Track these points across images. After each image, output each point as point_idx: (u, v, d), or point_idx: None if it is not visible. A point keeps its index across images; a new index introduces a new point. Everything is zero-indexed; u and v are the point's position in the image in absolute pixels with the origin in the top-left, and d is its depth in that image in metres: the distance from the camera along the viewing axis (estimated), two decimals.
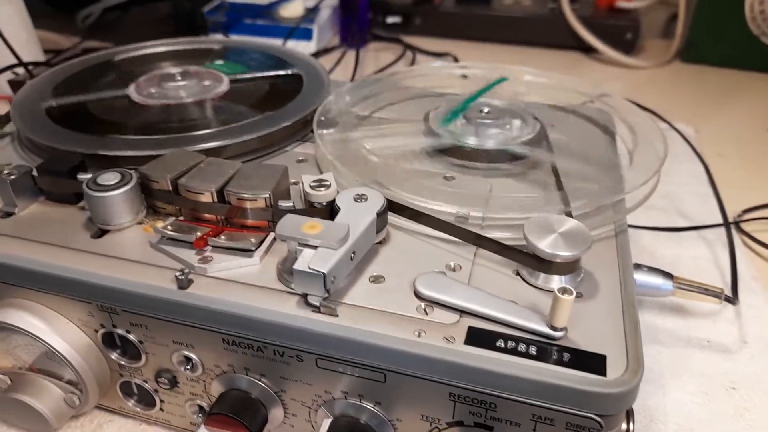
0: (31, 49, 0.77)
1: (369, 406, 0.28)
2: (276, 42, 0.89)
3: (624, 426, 0.26)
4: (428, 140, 0.40)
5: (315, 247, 0.27)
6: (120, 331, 0.30)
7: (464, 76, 0.50)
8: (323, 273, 0.26)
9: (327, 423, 0.28)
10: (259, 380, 0.29)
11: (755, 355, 0.40)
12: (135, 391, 0.33)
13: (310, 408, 0.29)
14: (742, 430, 0.35)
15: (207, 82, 0.46)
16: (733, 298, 0.41)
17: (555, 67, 0.93)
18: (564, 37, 0.95)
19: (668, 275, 0.39)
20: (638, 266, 0.39)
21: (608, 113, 0.45)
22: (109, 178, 0.31)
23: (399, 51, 0.94)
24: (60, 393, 0.32)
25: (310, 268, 0.26)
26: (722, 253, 0.49)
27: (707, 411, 0.36)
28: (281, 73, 0.48)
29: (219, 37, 0.89)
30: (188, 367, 0.30)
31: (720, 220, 0.53)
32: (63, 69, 0.49)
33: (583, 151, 0.40)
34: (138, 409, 0.34)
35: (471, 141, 0.39)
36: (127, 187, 0.31)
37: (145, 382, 0.32)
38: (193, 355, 0.30)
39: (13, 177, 0.33)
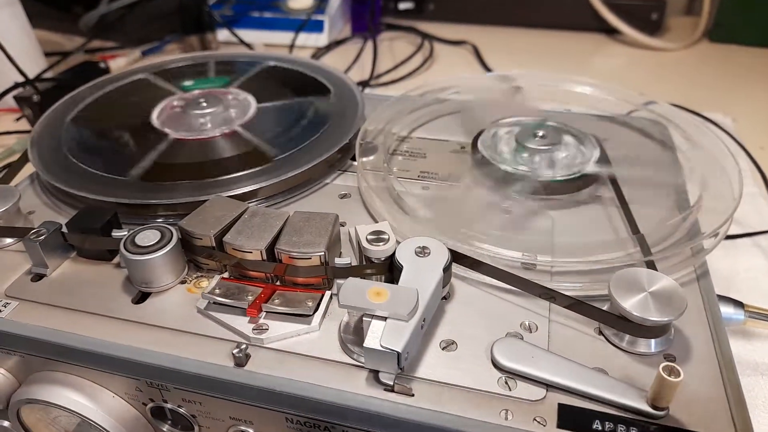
0: (31, 55, 0.73)
1: None
2: (287, 35, 0.86)
3: None
4: (478, 168, 0.38)
5: (384, 319, 0.25)
6: (171, 406, 0.28)
7: (517, 87, 0.47)
8: (398, 352, 0.23)
9: None
10: None
11: None
12: None
13: None
14: None
15: (233, 110, 0.43)
16: None
17: (577, 51, 0.89)
18: (586, 19, 0.91)
19: (739, 304, 0.36)
20: None
21: (663, 125, 0.42)
22: (149, 237, 0.29)
23: (413, 39, 0.90)
24: None
25: (382, 346, 0.24)
26: None
27: None
28: (311, 97, 0.45)
29: (232, 51, 0.86)
30: None
31: None
32: (80, 94, 0.46)
33: (646, 174, 0.37)
34: None
35: (525, 170, 0.36)
36: (169, 248, 0.29)
37: None
38: (251, 431, 0.28)
39: (42, 237, 0.30)
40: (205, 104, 0.42)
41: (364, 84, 0.76)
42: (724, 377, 0.25)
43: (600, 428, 0.23)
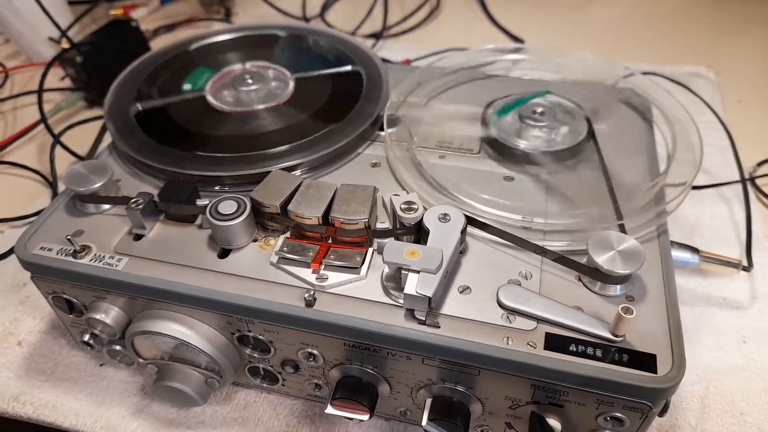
0: (58, 6, 0.77)
1: (463, 389, 0.35)
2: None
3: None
4: (486, 140, 0.45)
5: (417, 272, 0.33)
6: (254, 334, 0.37)
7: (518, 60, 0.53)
8: (429, 296, 0.32)
9: (428, 402, 0.36)
10: (371, 369, 0.37)
11: (763, 310, 0.47)
12: (261, 373, 0.41)
13: (412, 388, 0.37)
14: (748, 378, 0.43)
15: (274, 83, 0.49)
16: (748, 267, 0.48)
17: (570, 3, 0.93)
18: None
19: (695, 250, 0.45)
20: (671, 243, 0.45)
21: (645, 98, 0.49)
22: (229, 206, 0.37)
23: None
24: (202, 378, 0.40)
25: (417, 292, 0.32)
26: (739, 210, 0.55)
27: (722, 363, 0.44)
28: (341, 70, 0.51)
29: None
30: (311, 360, 0.37)
31: (737, 177, 0.58)
32: (144, 64, 0.52)
33: (626, 149, 0.44)
34: (263, 385, 0.42)
35: (525, 144, 0.43)
36: (245, 215, 0.37)
37: (271, 366, 0.40)
38: (316, 352, 0.37)
39: (141, 206, 0.38)
40: (250, 81, 0.49)
41: (376, 36, 0.81)
42: (669, 314, 0.34)
43: (575, 349, 0.32)
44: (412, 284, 0.32)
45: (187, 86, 0.50)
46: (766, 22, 0.86)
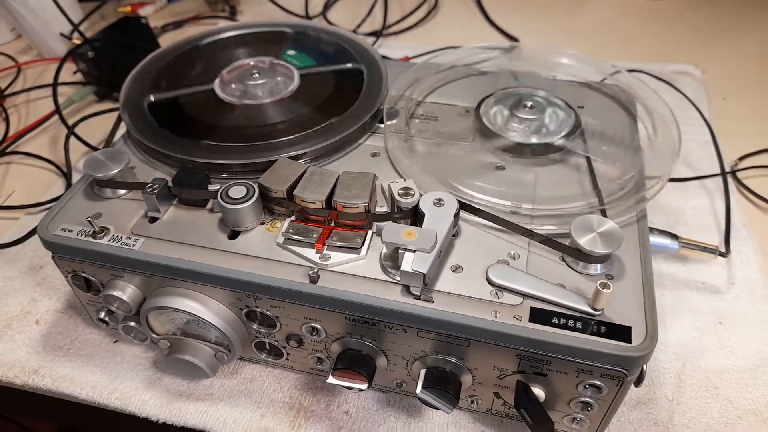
0: (68, 3, 0.80)
1: (454, 360, 0.38)
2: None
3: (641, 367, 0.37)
4: (478, 131, 0.48)
5: (413, 251, 0.36)
6: (261, 310, 0.40)
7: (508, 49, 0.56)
8: (424, 273, 0.35)
9: (423, 372, 0.39)
10: (370, 342, 0.39)
11: (739, 294, 0.50)
12: (267, 347, 0.44)
13: (408, 360, 0.40)
14: (723, 356, 0.46)
15: (280, 78, 0.52)
16: (725, 253, 0.51)
17: (564, 2, 0.96)
18: None
19: (674, 236, 0.48)
20: (651, 230, 0.48)
21: (631, 94, 0.52)
22: (238, 191, 0.40)
23: None
24: (211, 351, 0.43)
25: (413, 269, 0.35)
26: (720, 202, 0.58)
27: (698, 342, 0.47)
28: (344, 67, 0.54)
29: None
30: (314, 334, 0.40)
31: (719, 170, 0.61)
32: (157, 57, 0.55)
33: (610, 140, 0.47)
34: (269, 360, 0.45)
35: (515, 136, 0.46)
36: (254, 199, 0.40)
37: (276, 341, 0.43)
38: (318, 326, 0.39)
39: (156, 190, 0.41)
40: (257, 75, 0.52)
41: (376, 34, 0.84)
42: (645, 292, 0.36)
43: (557, 322, 0.35)
44: (409, 262, 0.35)
45: (195, 80, 0.53)
46: (753, 24, 0.88)
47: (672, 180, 0.61)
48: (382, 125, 0.48)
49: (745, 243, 0.54)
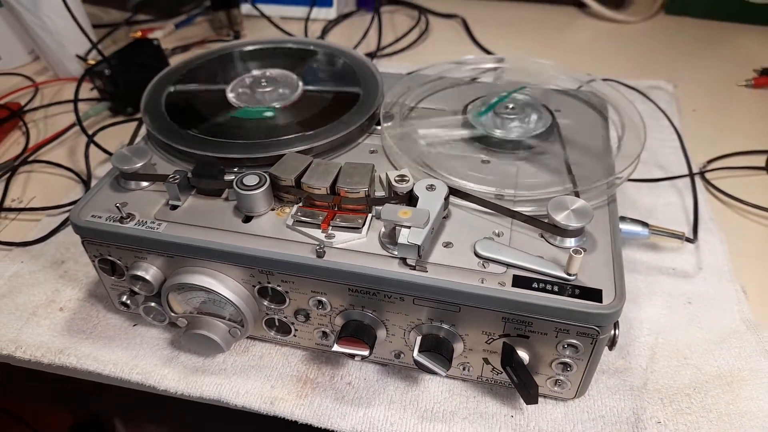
0: (85, 27, 0.86)
1: (446, 326, 0.42)
2: (300, 9, 0.98)
3: (613, 331, 0.41)
4: (466, 130, 0.53)
5: (408, 227, 0.41)
6: (273, 285, 0.44)
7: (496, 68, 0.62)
8: (418, 245, 0.39)
9: (419, 339, 0.43)
10: (370, 313, 0.44)
11: (707, 278, 0.55)
12: (276, 324, 0.48)
13: (404, 329, 0.44)
14: (692, 331, 0.50)
15: (286, 89, 0.57)
16: (692, 239, 0.55)
17: (550, 22, 1.03)
18: None
19: (645, 224, 0.53)
20: (623, 218, 0.53)
21: (603, 99, 0.57)
22: (252, 179, 0.44)
23: (410, 13, 1.04)
24: (226, 327, 0.47)
25: (408, 242, 0.40)
26: (689, 199, 0.64)
27: (670, 320, 0.51)
28: (343, 89, 0.60)
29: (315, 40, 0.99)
30: (320, 307, 0.44)
31: (687, 172, 0.66)
32: (173, 69, 0.61)
33: (584, 136, 0.52)
34: (277, 337, 0.49)
35: (499, 133, 0.52)
36: (266, 187, 0.44)
37: (285, 317, 0.47)
38: (324, 299, 0.44)
39: (178, 180, 0.46)
40: (265, 83, 0.57)
41: (371, 55, 0.90)
42: (614, 261, 0.41)
43: (537, 286, 0.39)
44: (405, 236, 0.40)
45: (210, 87, 0.58)
46: (720, 42, 0.96)
47: (645, 180, 0.66)
48: (379, 127, 0.54)
49: (713, 234, 0.59)
